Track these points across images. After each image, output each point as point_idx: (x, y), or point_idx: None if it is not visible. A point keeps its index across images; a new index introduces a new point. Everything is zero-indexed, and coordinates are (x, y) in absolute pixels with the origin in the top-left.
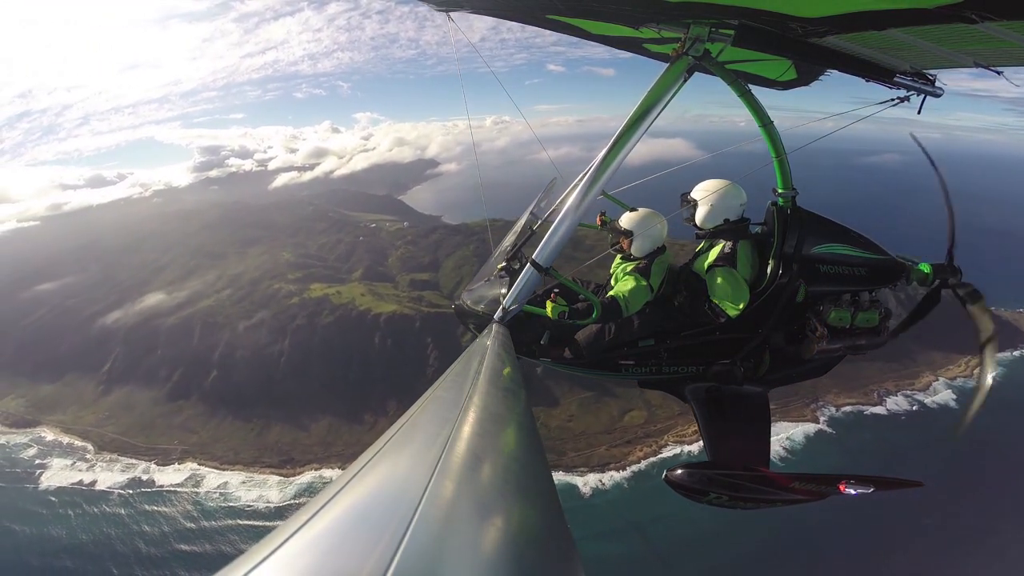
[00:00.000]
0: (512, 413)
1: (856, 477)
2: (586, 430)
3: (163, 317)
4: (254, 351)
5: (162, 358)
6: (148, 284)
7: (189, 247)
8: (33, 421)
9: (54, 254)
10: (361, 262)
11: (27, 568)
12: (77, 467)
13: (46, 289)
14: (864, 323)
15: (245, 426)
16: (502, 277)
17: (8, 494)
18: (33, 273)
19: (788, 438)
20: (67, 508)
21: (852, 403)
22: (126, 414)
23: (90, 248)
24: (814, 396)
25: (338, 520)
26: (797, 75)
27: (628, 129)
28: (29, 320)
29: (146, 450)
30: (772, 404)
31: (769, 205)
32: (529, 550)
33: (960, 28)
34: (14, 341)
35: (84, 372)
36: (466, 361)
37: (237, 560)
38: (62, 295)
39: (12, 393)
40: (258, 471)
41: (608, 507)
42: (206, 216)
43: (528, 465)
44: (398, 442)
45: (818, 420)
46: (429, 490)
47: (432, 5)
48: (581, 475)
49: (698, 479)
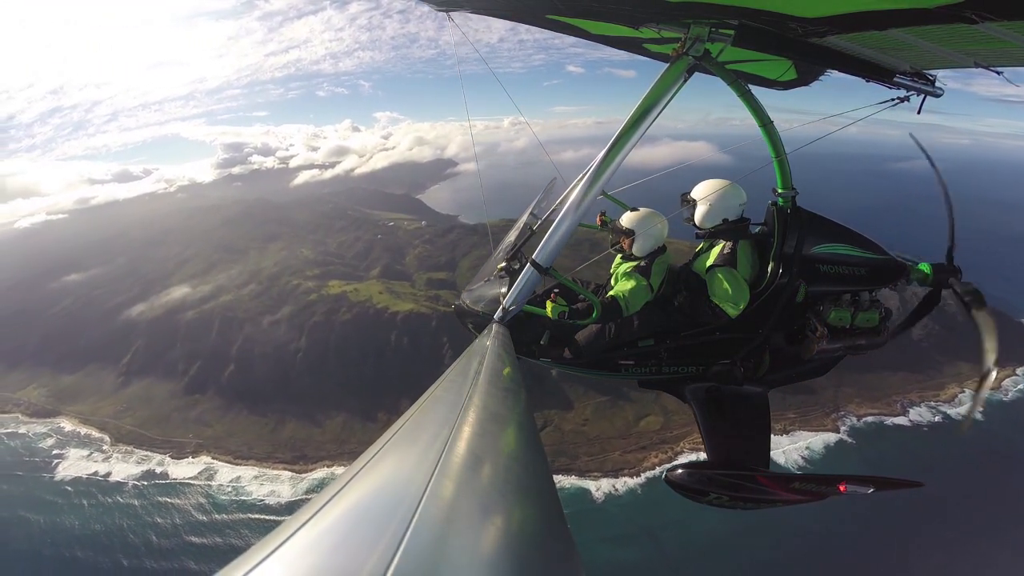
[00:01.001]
0: (512, 413)
1: (856, 477)
2: (601, 434)
3: (184, 311)
4: (271, 346)
5: (181, 351)
6: (171, 277)
7: (211, 242)
8: (53, 411)
9: (81, 246)
10: (379, 260)
11: (39, 558)
12: (93, 458)
13: (72, 280)
14: (864, 323)
15: (260, 421)
16: (502, 277)
17: (25, 483)
18: (61, 264)
19: (807, 447)
20: (82, 498)
21: (874, 413)
22: (143, 406)
23: (116, 241)
24: (835, 405)
25: (339, 519)
26: (797, 75)
27: (628, 129)
28: (55, 310)
29: (161, 443)
30: (792, 413)
31: (769, 205)
32: (529, 550)
33: (960, 28)
34: (40, 331)
35: (105, 363)
36: (466, 361)
37: (238, 559)
38: (88, 286)
39: (35, 383)
40: (271, 466)
41: (620, 512)
42: (228, 212)
43: (528, 465)
44: (398, 442)
45: (838, 430)
46: (429, 490)
47: (432, 5)
48: (594, 479)
49: (698, 479)
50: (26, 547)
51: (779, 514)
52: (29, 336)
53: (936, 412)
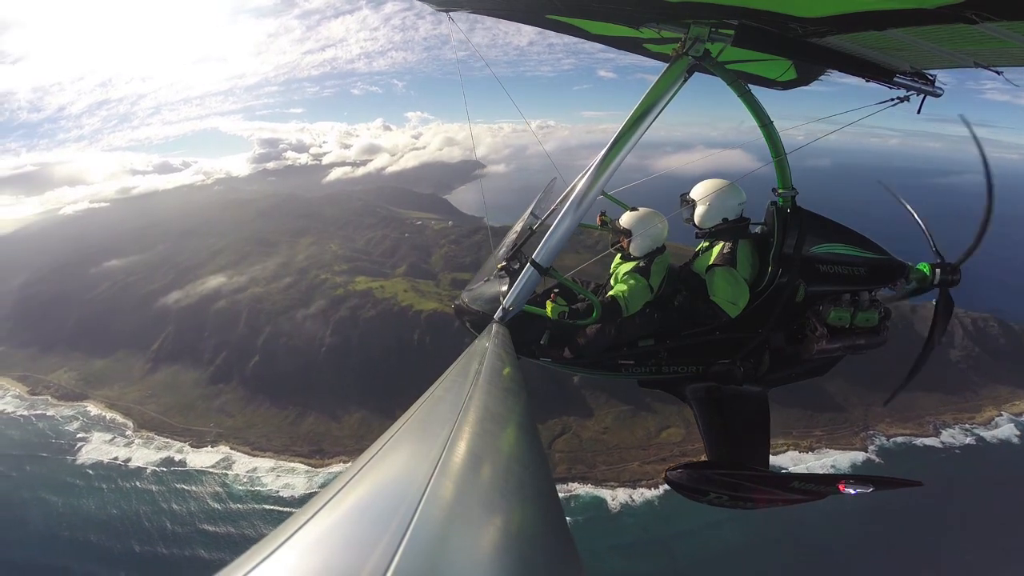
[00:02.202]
0: (512, 413)
1: (855, 477)
2: (620, 444)
3: (215, 300)
4: (297, 339)
5: (209, 341)
6: (204, 267)
7: (244, 234)
8: (81, 395)
9: (121, 234)
10: (405, 258)
11: (55, 540)
12: (116, 443)
13: (111, 266)
14: (864, 323)
15: (280, 413)
16: (502, 277)
17: (48, 464)
18: (101, 251)
19: (833, 466)
20: (101, 482)
21: (904, 433)
22: (169, 393)
23: (154, 230)
24: (865, 424)
25: (339, 519)
26: (797, 75)
27: (628, 129)
28: (92, 295)
29: (183, 431)
30: (819, 431)
31: (769, 205)
32: (529, 550)
33: (960, 28)
34: (76, 315)
35: (135, 349)
36: (466, 361)
37: (239, 559)
38: (125, 273)
39: (66, 366)
40: (288, 459)
41: (635, 523)
42: (261, 205)
43: (528, 465)
44: (398, 442)
45: (866, 449)
46: (429, 490)
47: (433, 5)
48: (611, 489)
49: (698, 479)
50: (43, 528)
51: (798, 529)
52: (66, 319)
53: (969, 434)
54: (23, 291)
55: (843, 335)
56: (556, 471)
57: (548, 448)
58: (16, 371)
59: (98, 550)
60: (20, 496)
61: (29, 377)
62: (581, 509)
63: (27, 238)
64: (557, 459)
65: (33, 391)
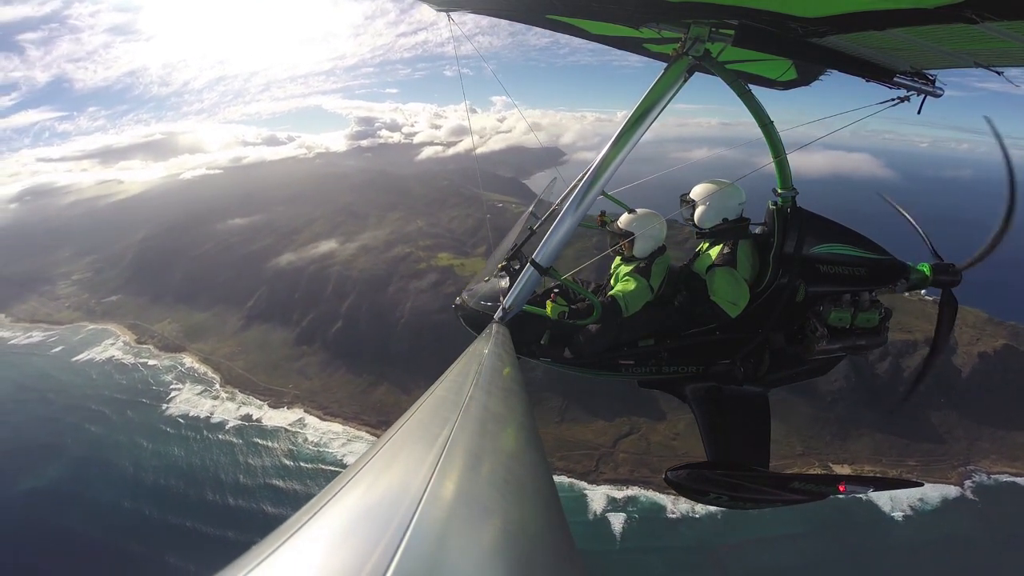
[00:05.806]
0: (512, 413)
1: (855, 478)
2: (689, 452)
3: (307, 265)
4: (378, 309)
5: (298, 302)
6: (300, 233)
7: (338, 205)
8: (180, 347)
9: (230, 198)
10: (485, 239)
11: (138, 484)
12: (204, 395)
13: (219, 228)
14: (864, 323)
15: (354, 380)
16: (502, 277)
17: (145, 410)
18: (212, 212)
19: (920, 498)
20: (188, 431)
21: (1009, 472)
22: (256, 351)
23: (259, 196)
24: (966, 459)
25: (338, 520)
26: (797, 75)
27: (628, 129)
28: (199, 251)
29: (263, 390)
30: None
31: (769, 205)
32: (529, 550)
33: (960, 28)
34: (184, 270)
35: (231, 305)
36: (466, 361)
37: (239, 559)
38: (228, 233)
39: (170, 317)
40: (355, 427)
41: (689, 533)
42: (355, 179)
43: (528, 465)
44: (399, 442)
45: (962, 484)
46: (429, 490)
47: (433, 5)
48: (673, 495)
49: (698, 479)
50: (131, 472)
51: (858, 554)
52: (175, 274)
53: None
54: (142, 244)
55: (844, 335)
56: (618, 472)
57: (612, 447)
58: (128, 319)
59: (175, 497)
60: (116, 439)
61: (138, 326)
62: (638, 513)
63: (152, 199)
64: (620, 459)
65: (140, 340)
